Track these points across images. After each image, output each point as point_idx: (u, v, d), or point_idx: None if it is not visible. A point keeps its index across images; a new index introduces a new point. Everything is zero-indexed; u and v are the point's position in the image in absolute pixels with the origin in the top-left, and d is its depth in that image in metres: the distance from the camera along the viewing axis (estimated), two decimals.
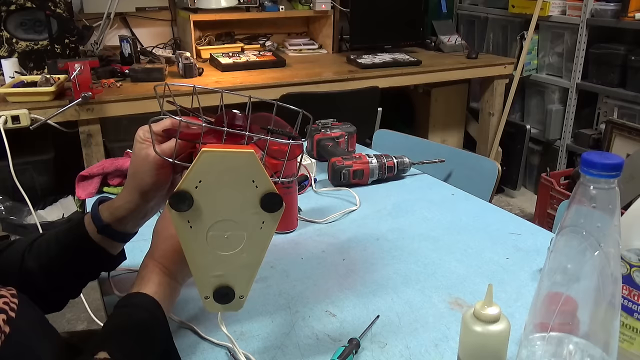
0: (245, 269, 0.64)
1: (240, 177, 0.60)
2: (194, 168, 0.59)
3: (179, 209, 0.60)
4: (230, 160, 0.59)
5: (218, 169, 0.59)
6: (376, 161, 1.30)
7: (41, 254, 0.78)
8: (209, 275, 0.64)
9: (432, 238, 1.06)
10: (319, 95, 2.28)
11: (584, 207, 0.55)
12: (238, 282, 0.65)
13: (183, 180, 0.59)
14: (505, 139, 3.04)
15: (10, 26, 2.21)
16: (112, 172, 1.22)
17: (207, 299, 0.65)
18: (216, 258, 0.63)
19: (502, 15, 3.19)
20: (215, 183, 0.60)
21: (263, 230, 0.63)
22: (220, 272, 0.64)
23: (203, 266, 0.63)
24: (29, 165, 2.26)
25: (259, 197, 0.61)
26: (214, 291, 0.64)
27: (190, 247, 0.62)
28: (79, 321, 2.07)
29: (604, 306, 0.56)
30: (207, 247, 0.62)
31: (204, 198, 0.60)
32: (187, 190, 0.59)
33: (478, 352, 0.63)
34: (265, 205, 0.61)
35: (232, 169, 0.60)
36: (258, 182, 0.60)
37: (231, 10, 2.69)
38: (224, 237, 0.62)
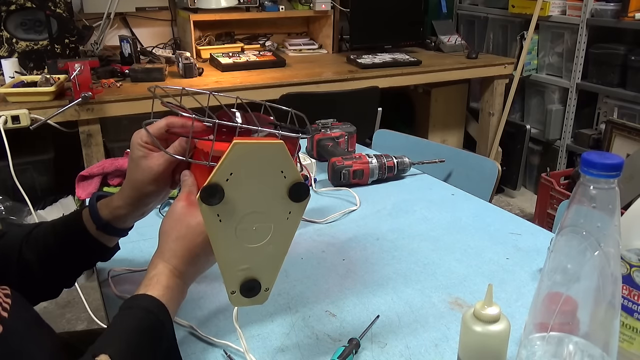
0: (271, 260, 0.64)
1: (270, 168, 0.60)
2: (226, 160, 0.58)
3: (210, 203, 0.59)
4: (262, 152, 0.59)
5: (249, 160, 0.59)
6: (376, 161, 1.30)
7: (39, 245, 0.78)
8: (236, 269, 0.63)
9: (432, 238, 1.06)
10: (319, 95, 2.28)
11: (584, 207, 0.55)
12: (264, 274, 0.65)
13: (214, 174, 0.59)
14: (505, 139, 3.04)
15: (10, 26, 2.21)
16: (112, 172, 1.22)
17: (233, 293, 0.64)
18: (244, 251, 0.63)
19: (502, 15, 3.19)
20: (245, 175, 0.60)
21: (290, 221, 0.63)
22: (248, 265, 0.63)
23: (231, 260, 0.63)
24: (29, 165, 2.26)
25: (287, 188, 0.61)
26: (240, 285, 0.64)
27: (218, 242, 0.62)
28: (79, 321, 2.07)
29: (604, 306, 0.56)
30: (236, 240, 0.62)
31: (234, 190, 0.60)
32: (219, 183, 0.59)
33: (478, 352, 0.63)
34: (293, 195, 0.62)
35: (263, 161, 0.60)
36: (287, 173, 0.61)
37: (231, 10, 2.69)
38: (253, 229, 0.62)
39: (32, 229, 0.80)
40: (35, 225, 0.81)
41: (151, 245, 1.01)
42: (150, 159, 0.73)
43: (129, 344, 0.60)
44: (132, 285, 0.88)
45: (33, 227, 0.81)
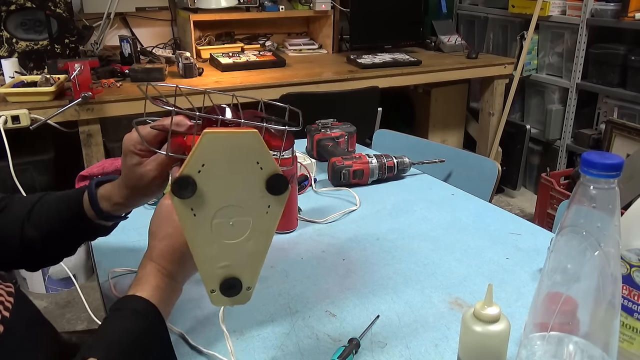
0: (251, 257, 0.62)
1: (245, 159, 0.58)
2: (197, 151, 0.56)
3: (182, 196, 0.57)
4: (234, 141, 0.57)
5: (221, 151, 0.57)
6: (376, 161, 1.30)
7: (42, 224, 0.78)
8: (214, 266, 0.61)
9: (432, 238, 1.06)
10: (319, 95, 2.28)
11: (584, 207, 0.55)
12: (245, 272, 0.62)
13: (185, 165, 0.57)
14: (505, 139, 3.04)
15: (10, 26, 2.21)
16: (112, 172, 1.22)
17: (213, 292, 0.62)
18: (222, 247, 0.60)
19: (502, 15, 3.19)
20: (218, 166, 0.57)
21: (269, 215, 0.61)
22: (227, 262, 0.61)
23: (208, 257, 0.60)
24: (29, 165, 2.26)
25: (264, 179, 0.59)
26: (220, 284, 0.62)
27: (194, 237, 0.59)
28: (79, 321, 2.07)
29: (604, 306, 0.56)
30: (212, 235, 0.59)
31: (207, 183, 0.57)
32: (190, 175, 0.57)
33: (478, 352, 0.63)
34: (270, 187, 0.59)
35: (236, 150, 0.57)
36: (263, 164, 0.58)
37: (231, 10, 2.69)
38: (229, 224, 0.60)
39: (33, 204, 0.80)
40: (37, 199, 0.81)
41: None
42: (144, 166, 0.72)
43: (118, 347, 0.59)
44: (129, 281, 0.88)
45: (35, 202, 0.80)
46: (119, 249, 0.99)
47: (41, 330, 0.67)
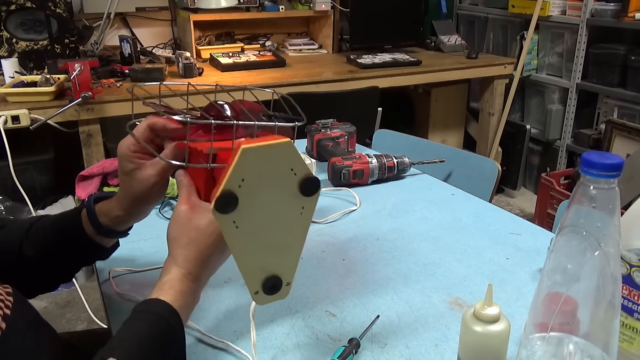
0: (289, 255, 0.64)
1: (280, 167, 0.59)
2: (236, 167, 0.57)
3: (226, 212, 0.58)
4: (270, 152, 0.58)
5: (259, 163, 0.58)
6: (376, 161, 1.30)
7: (39, 243, 0.78)
8: (257, 269, 0.62)
9: (432, 238, 1.06)
10: (319, 95, 2.28)
11: (584, 207, 0.55)
12: (284, 269, 0.64)
13: (226, 182, 0.57)
14: (505, 139, 3.04)
15: (10, 26, 2.21)
16: (112, 172, 1.22)
17: (257, 293, 0.63)
18: (263, 251, 0.62)
19: (502, 15, 3.19)
20: (257, 178, 0.59)
21: (303, 215, 0.63)
22: (267, 264, 0.63)
23: (251, 262, 0.62)
24: (29, 165, 2.26)
25: (298, 184, 0.61)
26: (262, 284, 0.63)
27: (237, 247, 0.61)
28: (79, 321, 2.07)
29: (604, 306, 0.56)
30: (254, 242, 0.61)
31: (247, 195, 0.59)
32: (232, 190, 0.58)
33: (478, 352, 0.63)
34: (304, 190, 0.61)
35: (273, 160, 0.59)
36: (296, 169, 0.60)
37: (231, 10, 2.69)
38: (269, 229, 0.62)
39: (32, 222, 0.80)
40: (35, 219, 0.81)
41: (151, 246, 1.01)
42: (144, 170, 0.71)
43: (139, 349, 0.59)
44: (133, 285, 0.88)
45: (34, 221, 0.80)
46: (119, 249, 0.99)
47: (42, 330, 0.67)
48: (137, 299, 0.83)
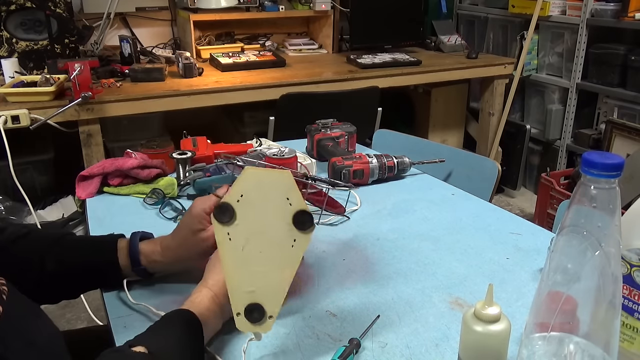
0: (275, 287, 0.68)
1: (277, 194, 0.65)
2: (238, 183, 0.64)
3: (221, 220, 0.64)
4: (269, 177, 0.65)
5: (258, 185, 0.64)
6: (376, 161, 1.30)
7: (64, 260, 0.81)
8: (242, 290, 0.67)
9: (432, 238, 1.06)
10: (319, 95, 2.28)
11: (585, 207, 0.55)
12: (268, 300, 0.68)
13: (227, 194, 0.64)
14: (505, 139, 3.04)
15: (10, 26, 2.21)
16: (112, 172, 1.22)
17: (238, 315, 0.68)
18: (250, 273, 0.67)
19: (502, 15, 3.19)
20: (254, 198, 0.64)
21: (294, 249, 0.66)
22: (253, 288, 0.67)
23: (237, 280, 0.67)
24: (29, 165, 2.26)
25: (292, 215, 0.65)
26: (245, 308, 0.67)
27: (227, 260, 0.66)
28: (79, 321, 2.07)
29: (605, 306, 0.56)
30: (243, 260, 0.66)
31: (243, 211, 0.65)
32: (230, 203, 0.64)
33: (479, 351, 0.63)
34: (297, 222, 0.65)
35: (270, 186, 0.64)
36: (292, 200, 0.65)
37: (231, 10, 2.69)
38: (259, 252, 0.66)
39: (59, 237, 0.84)
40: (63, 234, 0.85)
41: None
42: (208, 232, 0.81)
43: (167, 343, 0.64)
44: (133, 284, 0.87)
45: (60, 236, 0.84)
46: None
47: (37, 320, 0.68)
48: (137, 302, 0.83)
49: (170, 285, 0.87)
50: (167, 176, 1.26)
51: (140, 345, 0.62)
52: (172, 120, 2.57)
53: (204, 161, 1.28)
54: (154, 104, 2.08)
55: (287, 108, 2.19)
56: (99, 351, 0.63)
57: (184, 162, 1.25)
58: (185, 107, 2.14)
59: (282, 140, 1.59)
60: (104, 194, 1.22)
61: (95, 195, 1.21)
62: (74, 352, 0.68)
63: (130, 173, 1.22)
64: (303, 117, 1.66)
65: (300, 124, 1.54)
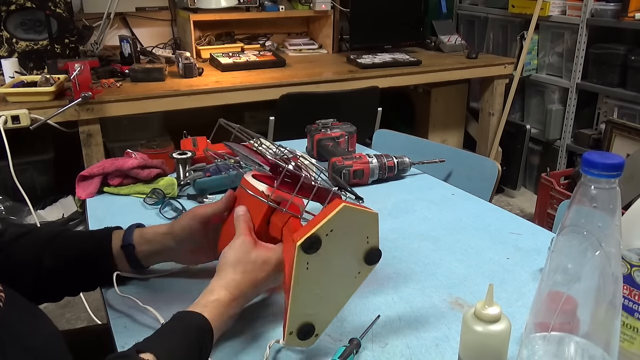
0: (330, 310, 0.71)
1: (360, 232, 0.68)
2: (332, 218, 0.65)
3: (308, 252, 0.65)
4: (360, 217, 0.67)
5: (348, 222, 0.67)
6: (376, 161, 1.30)
7: (60, 253, 0.81)
8: (302, 313, 0.68)
9: (432, 238, 1.05)
10: (319, 95, 2.28)
11: (585, 207, 0.55)
12: (320, 321, 0.70)
13: (319, 227, 0.65)
14: (505, 139, 3.04)
15: (10, 26, 2.21)
16: (112, 172, 1.22)
17: (291, 334, 0.69)
18: (315, 298, 0.68)
19: (502, 15, 3.19)
20: (341, 233, 0.67)
21: (357, 279, 0.70)
22: (312, 311, 0.69)
23: (302, 304, 0.68)
24: (29, 165, 2.26)
25: (366, 251, 0.69)
26: (299, 328, 0.69)
27: (299, 285, 0.67)
28: (79, 321, 2.07)
29: (605, 306, 0.56)
30: (313, 287, 0.68)
31: (329, 245, 0.66)
32: (320, 236, 0.65)
33: (479, 351, 0.63)
34: (368, 258, 0.69)
35: (358, 224, 0.67)
36: (370, 239, 0.69)
37: (231, 10, 2.69)
38: (328, 280, 0.68)
39: (58, 232, 0.84)
40: (62, 230, 0.85)
41: None
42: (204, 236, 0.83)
43: (177, 353, 0.63)
44: (132, 284, 0.87)
45: (60, 231, 0.84)
46: None
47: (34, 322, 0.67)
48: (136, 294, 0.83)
49: (168, 282, 0.88)
50: (167, 176, 1.26)
51: (149, 352, 0.60)
52: (172, 120, 2.57)
53: (204, 161, 1.28)
54: (154, 104, 2.08)
55: (287, 108, 2.19)
56: (99, 351, 0.63)
57: (184, 162, 1.25)
58: (185, 107, 2.14)
59: (282, 140, 1.59)
60: (104, 194, 1.22)
61: (95, 195, 1.21)
62: (74, 351, 0.68)
63: (130, 173, 1.22)
64: (303, 117, 1.66)
65: (300, 124, 1.54)
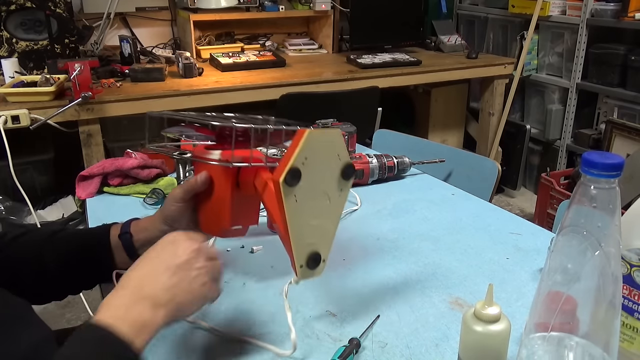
0: (327, 234, 0.72)
1: (331, 152, 0.70)
2: (301, 146, 0.66)
3: (292, 185, 0.66)
4: (326, 137, 0.69)
5: (317, 146, 0.68)
6: (376, 161, 1.30)
7: (61, 251, 0.81)
8: (305, 244, 0.70)
9: (432, 238, 1.06)
10: (319, 95, 2.28)
11: (585, 207, 0.55)
12: (322, 246, 0.72)
13: (294, 159, 0.66)
14: (505, 139, 3.04)
15: (10, 26, 2.21)
16: (112, 172, 1.22)
17: (301, 267, 0.70)
18: (311, 227, 0.70)
19: (502, 15, 3.19)
20: (315, 158, 0.68)
21: (340, 197, 0.72)
22: (312, 240, 0.70)
23: (301, 237, 0.69)
24: (29, 165, 2.26)
25: (341, 168, 0.71)
26: (307, 259, 0.70)
27: (294, 221, 0.68)
28: (79, 321, 2.07)
29: (605, 306, 0.56)
30: (306, 218, 0.69)
31: (308, 172, 0.67)
32: (297, 166, 0.66)
33: (478, 351, 0.63)
34: (344, 174, 0.71)
35: (327, 146, 0.69)
36: (341, 156, 0.70)
37: (231, 10, 2.69)
38: (317, 206, 0.70)
39: (56, 231, 0.83)
40: (59, 229, 0.84)
41: None
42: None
43: None
44: None
45: (58, 230, 0.84)
46: None
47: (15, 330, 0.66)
48: None
49: None
50: (167, 176, 1.26)
51: None
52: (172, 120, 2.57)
53: None
54: (154, 104, 2.08)
55: (287, 108, 2.19)
56: None
57: (184, 162, 1.25)
58: (185, 107, 2.14)
59: None
60: (104, 194, 1.22)
61: (95, 195, 1.21)
62: None
63: (130, 173, 1.22)
64: (303, 117, 1.65)
65: None
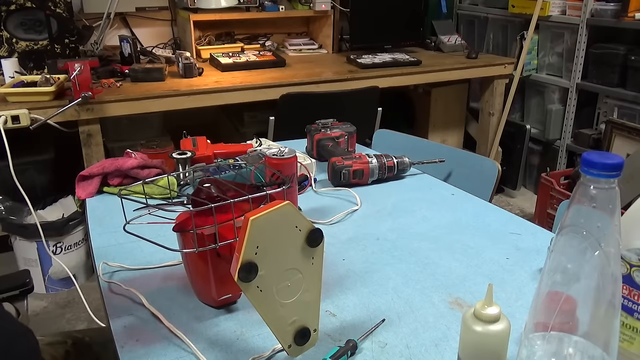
0: (311, 305, 0.69)
1: (286, 228, 0.65)
2: (248, 238, 0.61)
3: (249, 279, 0.62)
4: (275, 217, 0.63)
5: (267, 229, 0.63)
6: (376, 161, 1.30)
7: None
8: (285, 325, 0.67)
9: (432, 238, 1.06)
10: (319, 95, 2.28)
11: (584, 207, 0.55)
12: (309, 319, 0.69)
13: (243, 253, 0.61)
14: (505, 139, 3.04)
15: (10, 26, 2.21)
16: (112, 172, 1.22)
17: (290, 347, 0.68)
18: (287, 308, 0.67)
19: (502, 15, 3.19)
20: (268, 242, 0.63)
21: (314, 265, 0.68)
22: (294, 318, 0.68)
23: (279, 320, 0.66)
24: (29, 165, 2.26)
25: (304, 238, 0.66)
26: (293, 337, 0.68)
27: (264, 309, 0.65)
28: (79, 321, 2.07)
29: (604, 306, 0.56)
30: (278, 301, 0.66)
31: (264, 260, 0.63)
32: (249, 259, 0.62)
33: (478, 351, 0.63)
34: (310, 242, 0.66)
35: (279, 224, 0.64)
36: (300, 226, 0.65)
37: (231, 10, 2.69)
38: (288, 285, 0.66)
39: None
40: None
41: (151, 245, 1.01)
42: None
43: None
44: (132, 283, 0.87)
45: None
46: (119, 248, 1.00)
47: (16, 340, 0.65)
48: (137, 294, 0.83)
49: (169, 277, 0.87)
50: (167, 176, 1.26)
51: None
52: (172, 120, 2.57)
53: (204, 161, 1.28)
54: (154, 104, 2.08)
55: (287, 108, 2.19)
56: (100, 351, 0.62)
57: (184, 162, 1.25)
58: (185, 107, 2.14)
59: (282, 140, 1.59)
60: (104, 194, 1.22)
61: (95, 195, 1.21)
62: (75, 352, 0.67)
63: (130, 173, 1.22)
64: (303, 117, 1.66)
65: (300, 124, 1.54)
